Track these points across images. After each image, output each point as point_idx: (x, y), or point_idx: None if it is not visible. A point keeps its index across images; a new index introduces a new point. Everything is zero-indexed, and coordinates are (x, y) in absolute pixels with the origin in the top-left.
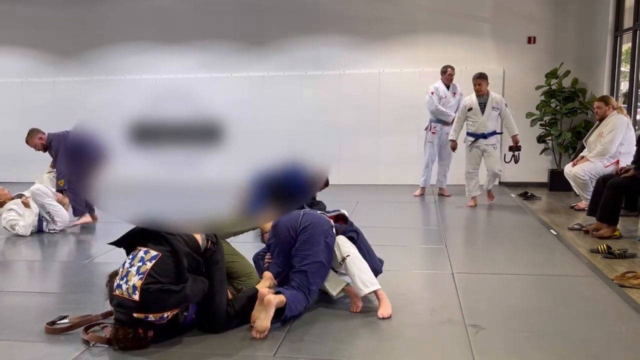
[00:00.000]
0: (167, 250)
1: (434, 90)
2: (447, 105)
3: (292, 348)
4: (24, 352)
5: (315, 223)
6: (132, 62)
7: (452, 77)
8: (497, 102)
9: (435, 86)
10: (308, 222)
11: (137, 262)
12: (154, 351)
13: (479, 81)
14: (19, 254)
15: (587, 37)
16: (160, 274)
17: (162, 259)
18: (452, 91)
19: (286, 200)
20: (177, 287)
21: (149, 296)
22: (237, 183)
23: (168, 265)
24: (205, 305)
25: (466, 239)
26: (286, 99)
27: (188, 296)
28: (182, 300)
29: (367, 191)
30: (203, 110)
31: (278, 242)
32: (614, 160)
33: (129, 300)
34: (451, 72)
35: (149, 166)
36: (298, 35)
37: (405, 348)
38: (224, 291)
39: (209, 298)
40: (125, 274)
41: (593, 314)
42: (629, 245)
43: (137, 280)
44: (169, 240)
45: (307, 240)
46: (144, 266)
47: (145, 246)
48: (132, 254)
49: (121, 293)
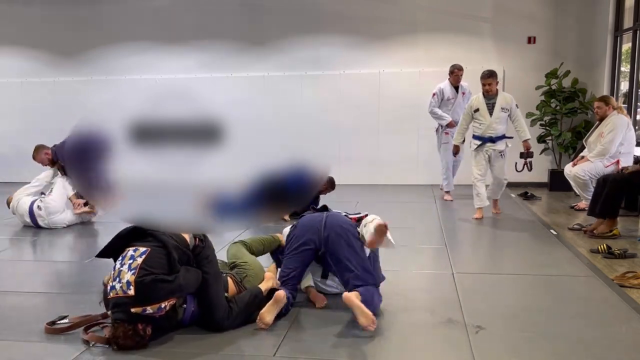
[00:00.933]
0: (156, 245)
1: (437, 91)
2: (453, 106)
3: (292, 348)
4: (24, 352)
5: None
6: (132, 62)
7: (459, 78)
8: (506, 102)
9: (440, 87)
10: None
11: (128, 261)
12: (154, 351)
13: (488, 80)
14: (20, 253)
15: (587, 37)
16: (153, 266)
17: (152, 253)
18: (460, 92)
19: (287, 201)
20: (170, 276)
21: (144, 288)
22: (237, 183)
23: (159, 258)
24: (203, 299)
25: (466, 239)
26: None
27: (182, 285)
28: (177, 290)
29: (367, 191)
30: (203, 110)
31: (296, 244)
32: (614, 160)
33: (125, 297)
34: (458, 73)
35: (148, 166)
36: (298, 35)
37: (405, 348)
38: (220, 284)
39: (204, 290)
40: (117, 274)
41: (593, 314)
42: (629, 245)
43: (130, 275)
44: (156, 236)
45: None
46: (135, 262)
47: (132, 246)
48: (121, 256)
49: (115, 293)
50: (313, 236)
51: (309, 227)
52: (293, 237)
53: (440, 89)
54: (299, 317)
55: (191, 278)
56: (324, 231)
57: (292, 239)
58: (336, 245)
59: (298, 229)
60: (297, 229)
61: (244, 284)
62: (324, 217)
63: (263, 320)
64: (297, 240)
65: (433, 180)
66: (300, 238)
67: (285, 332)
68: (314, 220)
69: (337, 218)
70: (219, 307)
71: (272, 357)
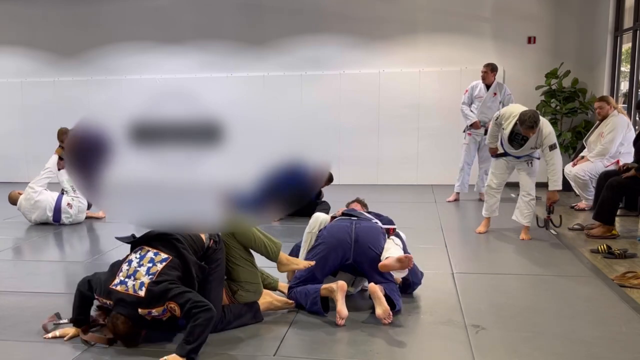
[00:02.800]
0: (176, 255)
1: (468, 88)
2: (484, 104)
3: (292, 348)
4: (24, 352)
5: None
6: (132, 62)
7: (485, 76)
8: (539, 142)
9: (472, 84)
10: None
11: (147, 263)
12: (153, 351)
13: (532, 131)
14: (20, 254)
15: (587, 37)
16: (171, 275)
17: (172, 262)
18: (492, 91)
19: (288, 199)
20: (183, 287)
21: (156, 293)
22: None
23: (177, 269)
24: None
25: (466, 239)
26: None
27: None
28: (183, 302)
29: (367, 191)
30: (203, 110)
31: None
32: (614, 160)
33: (134, 297)
34: (484, 70)
35: (149, 167)
36: (298, 35)
37: (405, 348)
38: (221, 289)
39: (206, 293)
40: (133, 272)
41: (593, 314)
42: (629, 245)
43: (147, 279)
44: (178, 248)
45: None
46: (155, 267)
47: (154, 247)
48: (139, 254)
49: (125, 289)
50: (341, 249)
51: (337, 239)
52: (321, 243)
53: (472, 87)
54: (299, 317)
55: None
56: (354, 245)
57: (320, 245)
58: (364, 258)
59: (327, 237)
60: (326, 236)
61: (236, 297)
62: (353, 229)
63: (341, 315)
64: (324, 250)
65: (433, 180)
66: (328, 248)
67: (285, 332)
68: (342, 230)
69: (367, 233)
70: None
71: (272, 357)
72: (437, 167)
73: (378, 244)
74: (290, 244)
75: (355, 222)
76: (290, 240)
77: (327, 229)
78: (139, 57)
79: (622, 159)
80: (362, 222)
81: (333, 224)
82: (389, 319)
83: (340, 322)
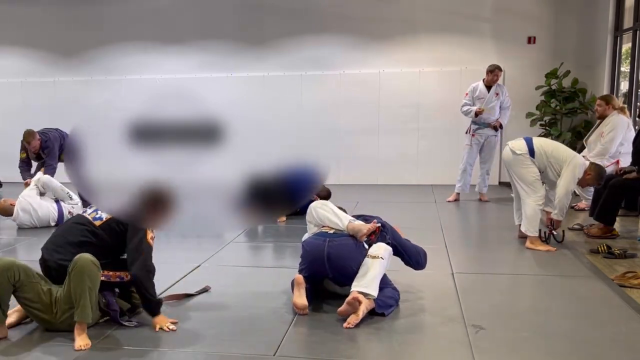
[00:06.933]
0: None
1: (468, 91)
2: (487, 105)
3: (292, 348)
4: (24, 352)
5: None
6: (132, 62)
7: (495, 79)
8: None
9: (471, 87)
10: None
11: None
12: (150, 350)
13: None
14: (21, 253)
15: (587, 37)
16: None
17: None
18: (494, 91)
19: (285, 200)
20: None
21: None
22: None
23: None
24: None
25: (466, 239)
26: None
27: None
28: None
29: (367, 191)
30: (203, 110)
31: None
32: (614, 160)
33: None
34: (495, 73)
35: (147, 166)
36: (298, 35)
37: (405, 348)
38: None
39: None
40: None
41: (593, 314)
42: (629, 245)
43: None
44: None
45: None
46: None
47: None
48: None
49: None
50: (317, 266)
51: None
52: (302, 256)
53: (473, 88)
54: (299, 317)
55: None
56: (328, 263)
57: (302, 258)
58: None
59: (304, 253)
60: (304, 252)
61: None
62: (325, 247)
63: (298, 306)
64: (305, 263)
65: (433, 180)
66: (308, 263)
67: (285, 332)
68: (316, 248)
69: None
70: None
71: (272, 357)
72: (437, 167)
73: (353, 260)
74: (290, 244)
75: (329, 239)
76: (291, 240)
77: (305, 243)
78: (139, 57)
79: (622, 159)
80: (335, 239)
81: (309, 241)
82: (350, 324)
83: (299, 312)
